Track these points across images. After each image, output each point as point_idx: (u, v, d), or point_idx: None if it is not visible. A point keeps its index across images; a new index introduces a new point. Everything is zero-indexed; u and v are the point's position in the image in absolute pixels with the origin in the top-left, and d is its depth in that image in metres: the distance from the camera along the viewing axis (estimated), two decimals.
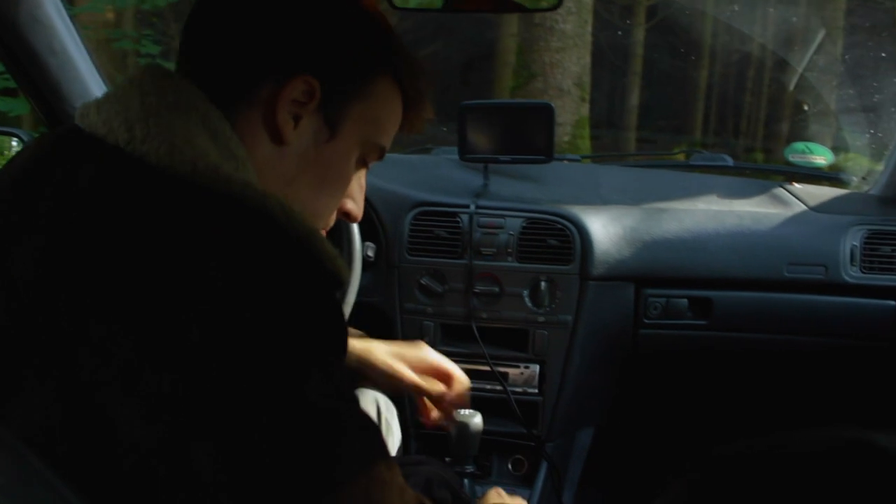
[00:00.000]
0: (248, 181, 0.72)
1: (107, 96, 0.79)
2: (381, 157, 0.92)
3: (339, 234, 1.62)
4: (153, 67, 0.81)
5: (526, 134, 1.89)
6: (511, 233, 1.80)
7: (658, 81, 10.63)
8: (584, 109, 5.48)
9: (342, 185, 0.89)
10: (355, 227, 1.63)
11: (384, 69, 0.87)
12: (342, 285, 0.80)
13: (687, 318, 1.83)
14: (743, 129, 13.46)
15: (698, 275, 1.81)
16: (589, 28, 5.56)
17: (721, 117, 13.11)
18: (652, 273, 1.82)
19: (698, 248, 1.81)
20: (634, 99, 9.80)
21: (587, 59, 5.44)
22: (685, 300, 1.82)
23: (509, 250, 1.80)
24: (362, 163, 0.91)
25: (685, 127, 11.45)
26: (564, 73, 5.25)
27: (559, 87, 5.26)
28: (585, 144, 5.49)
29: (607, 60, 9.81)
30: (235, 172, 0.73)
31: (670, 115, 11.67)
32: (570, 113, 5.35)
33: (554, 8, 1.40)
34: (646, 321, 1.83)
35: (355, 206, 0.95)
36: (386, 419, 1.46)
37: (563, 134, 5.31)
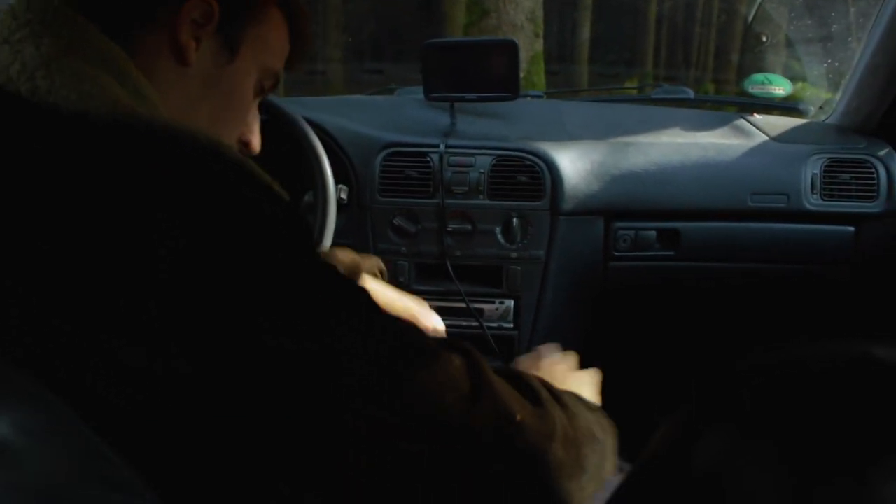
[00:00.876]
0: (171, 120, 0.70)
1: None
2: (275, 84, 0.93)
3: (313, 177, 1.63)
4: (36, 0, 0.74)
5: (491, 72, 1.89)
6: (481, 171, 1.81)
7: (609, 14, 10.63)
8: (539, 45, 5.48)
9: (243, 110, 0.90)
10: (329, 170, 1.63)
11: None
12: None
13: (655, 249, 1.87)
14: (694, 60, 13.55)
15: (665, 207, 1.85)
16: None
17: (672, 49, 13.17)
18: (620, 206, 1.85)
19: (665, 181, 1.85)
20: (586, 33, 9.80)
21: None
22: (653, 232, 1.86)
23: (480, 188, 1.81)
24: (259, 90, 0.92)
25: (637, 59, 11.50)
26: (517, 8, 5.23)
27: (513, 22, 5.24)
28: (541, 80, 5.50)
29: None
30: (152, 113, 0.71)
31: (622, 47, 11.70)
32: (525, 49, 5.33)
33: None
34: (615, 254, 1.87)
35: (254, 136, 0.94)
36: None
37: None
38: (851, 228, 1.85)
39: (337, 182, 1.79)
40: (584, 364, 1.98)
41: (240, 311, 0.59)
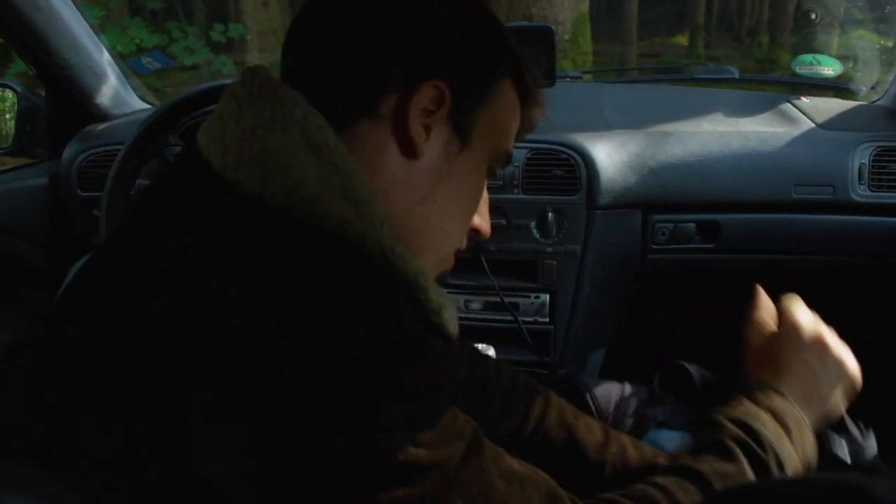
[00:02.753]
0: (347, 219, 0.67)
1: (217, 111, 0.74)
2: (507, 163, 0.88)
3: None
4: (252, 72, 0.75)
5: (527, 58, 1.85)
6: (516, 164, 1.78)
7: None
8: (584, 6, 5.37)
9: (475, 200, 0.84)
10: None
11: (505, 70, 0.83)
12: (449, 339, 0.74)
13: (695, 242, 1.83)
14: (748, 9, 13.14)
15: (705, 199, 1.80)
16: None
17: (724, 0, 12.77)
18: (658, 199, 1.81)
19: (704, 172, 1.80)
20: None
21: None
22: (692, 224, 1.82)
23: (515, 182, 1.78)
24: (490, 173, 0.86)
25: (688, 11, 11.18)
26: None
27: None
28: (587, 42, 5.39)
29: None
30: (334, 202, 0.67)
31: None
32: (570, 10, 5.23)
33: None
34: (653, 247, 1.83)
35: (483, 221, 0.89)
36: None
37: (563, 32, 5.21)
38: None
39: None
40: (620, 351, 1.98)
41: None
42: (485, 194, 0.88)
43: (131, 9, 7.77)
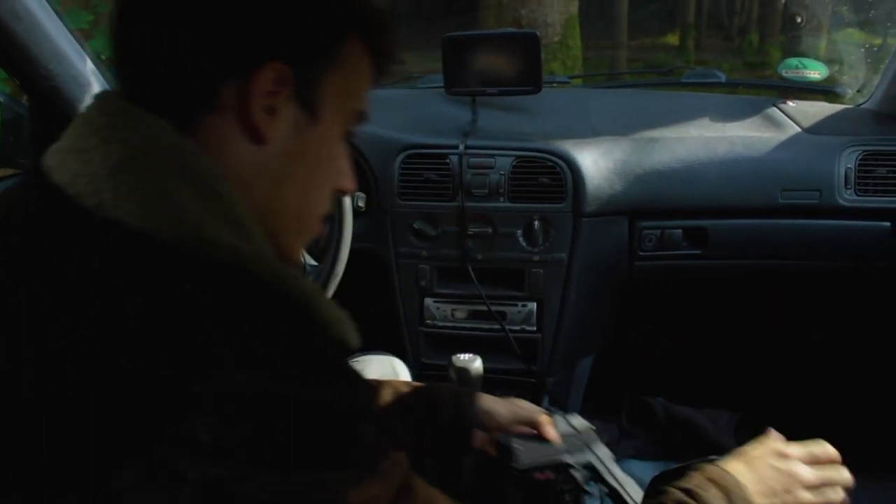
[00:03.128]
0: (235, 245, 0.65)
1: (68, 142, 0.70)
2: (362, 120, 0.83)
3: None
4: (107, 99, 0.72)
5: (513, 64, 1.85)
6: (502, 172, 1.78)
7: None
8: (573, 7, 5.35)
9: (334, 167, 0.81)
10: None
11: (350, 30, 0.77)
12: (350, 352, 0.73)
13: (682, 248, 1.83)
14: (738, 8, 13.16)
15: (692, 205, 1.80)
16: None
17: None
18: (645, 205, 1.81)
19: (691, 178, 1.79)
20: None
21: None
22: (679, 231, 1.82)
23: (501, 190, 1.78)
24: (346, 135, 0.82)
25: (678, 9, 11.19)
26: None
27: None
28: (577, 44, 5.37)
29: None
30: (218, 229, 0.65)
31: None
32: (559, 12, 5.21)
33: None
34: (641, 253, 1.83)
35: (347, 179, 0.85)
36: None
37: (552, 34, 5.20)
38: (887, 224, 1.78)
39: (355, 188, 1.78)
40: (607, 358, 1.98)
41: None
42: (344, 154, 0.85)
43: None
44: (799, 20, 2.03)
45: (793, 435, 0.99)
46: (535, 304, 1.83)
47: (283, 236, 0.77)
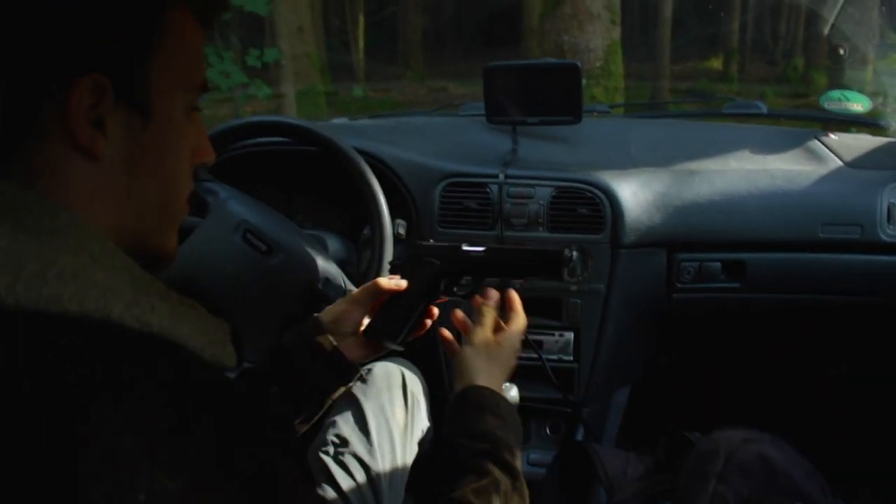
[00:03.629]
0: (84, 293, 0.61)
1: None
2: (204, 90, 0.79)
3: (370, 214, 1.63)
4: None
5: (553, 95, 1.86)
6: (541, 202, 1.79)
7: None
8: (616, 33, 5.37)
9: (184, 155, 0.78)
10: (385, 208, 1.63)
11: (163, 3, 0.73)
12: (227, 368, 0.71)
13: (720, 280, 1.82)
14: (782, 32, 13.05)
15: (731, 238, 1.80)
16: None
17: (759, 23, 12.71)
18: (684, 238, 1.81)
19: (730, 211, 1.79)
20: (668, 10, 9.53)
21: None
22: (718, 263, 1.81)
23: (540, 220, 1.79)
24: (190, 111, 0.78)
25: (721, 36, 11.14)
26: None
27: (588, 11, 5.15)
28: (618, 69, 5.39)
29: None
30: (62, 280, 0.61)
31: (706, 22, 11.32)
32: (602, 38, 5.24)
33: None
34: (679, 285, 1.82)
35: (205, 151, 0.82)
36: (412, 392, 1.47)
37: (594, 59, 5.22)
38: None
39: (396, 215, 1.80)
40: (644, 388, 1.97)
41: None
42: (199, 124, 0.81)
43: None
44: (841, 52, 2.02)
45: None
46: (572, 334, 1.83)
47: (150, 236, 0.76)
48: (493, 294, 1.10)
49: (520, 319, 1.15)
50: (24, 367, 0.56)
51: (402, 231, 1.82)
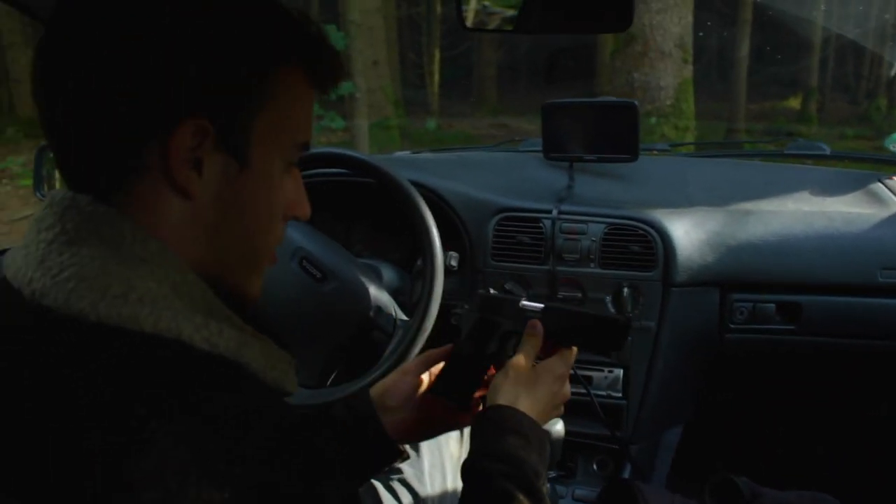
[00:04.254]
0: (159, 315, 0.66)
1: (24, 239, 0.73)
2: (306, 150, 0.82)
3: (422, 245, 1.67)
4: (53, 192, 0.74)
5: (611, 132, 1.88)
6: (593, 239, 1.80)
7: (769, 27, 10.16)
8: (688, 71, 5.34)
9: (275, 208, 0.80)
10: (437, 240, 1.66)
11: (271, 66, 0.74)
12: (288, 393, 0.75)
13: (774, 322, 1.80)
14: (864, 71, 12.76)
15: (786, 279, 1.77)
16: None
17: (840, 60, 12.45)
18: (737, 278, 1.79)
19: (786, 252, 1.77)
20: (745, 48, 9.43)
21: (689, 19, 5.28)
22: (772, 305, 1.79)
23: (592, 256, 1.80)
24: (287, 167, 0.80)
25: (801, 74, 10.95)
26: (665, 35, 5.11)
27: (660, 49, 5.14)
28: (690, 107, 5.35)
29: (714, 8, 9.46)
30: (142, 303, 0.66)
31: (785, 61, 11.14)
32: (674, 76, 5.22)
33: (622, 30, 1.39)
34: (731, 326, 1.81)
35: (300, 206, 0.84)
36: None
37: (665, 98, 5.20)
38: None
39: (450, 247, 1.84)
40: (697, 429, 1.95)
41: None
42: (298, 179, 0.83)
43: None
44: None
45: None
46: (621, 371, 1.83)
47: (232, 278, 0.78)
48: (538, 326, 1.08)
49: (532, 345, 1.07)
50: (94, 373, 0.61)
51: (454, 263, 1.85)
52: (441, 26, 12.29)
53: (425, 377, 1.14)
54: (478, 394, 1.11)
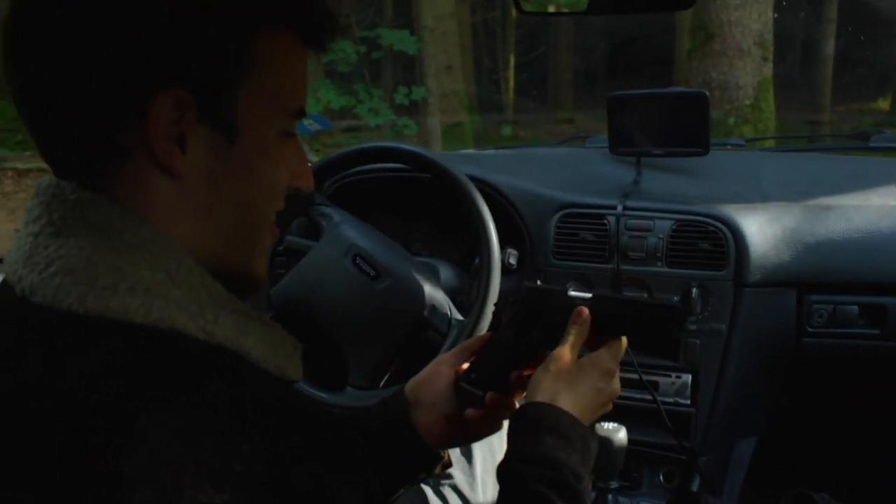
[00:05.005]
0: (150, 306, 0.63)
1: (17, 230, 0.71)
2: (301, 116, 0.76)
3: (479, 243, 1.60)
4: (40, 181, 0.71)
5: (680, 125, 1.79)
6: (660, 236, 1.71)
7: (856, 25, 9.80)
8: (767, 70, 5.16)
9: (269, 179, 0.75)
10: (494, 237, 1.59)
11: (258, 23, 0.70)
12: (292, 381, 0.71)
13: (857, 326, 1.67)
14: None
15: (870, 279, 1.65)
16: None
17: None
18: (816, 278, 1.67)
19: (870, 250, 1.65)
20: (830, 47, 9.10)
21: (769, 15, 5.10)
22: (855, 307, 1.67)
23: (658, 254, 1.71)
24: (286, 135, 0.76)
25: (890, 74, 10.51)
26: (744, 31, 4.95)
27: (738, 47, 4.98)
28: (769, 107, 5.17)
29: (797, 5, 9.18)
30: (132, 292, 0.63)
31: (872, 60, 10.72)
32: (752, 74, 5.05)
33: (688, 6, 1.32)
34: (809, 329, 1.69)
35: (302, 177, 0.79)
36: None
37: (744, 97, 5.04)
38: None
39: (509, 244, 1.77)
40: (773, 441, 1.84)
41: None
42: (300, 148, 0.79)
43: (325, 71, 8.27)
44: None
45: None
46: (689, 377, 1.73)
47: (233, 258, 0.74)
48: (584, 312, 0.97)
49: (578, 334, 0.95)
50: (84, 369, 0.58)
51: (512, 261, 1.78)
52: (516, 31, 12.23)
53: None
54: (515, 395, 1.01)
